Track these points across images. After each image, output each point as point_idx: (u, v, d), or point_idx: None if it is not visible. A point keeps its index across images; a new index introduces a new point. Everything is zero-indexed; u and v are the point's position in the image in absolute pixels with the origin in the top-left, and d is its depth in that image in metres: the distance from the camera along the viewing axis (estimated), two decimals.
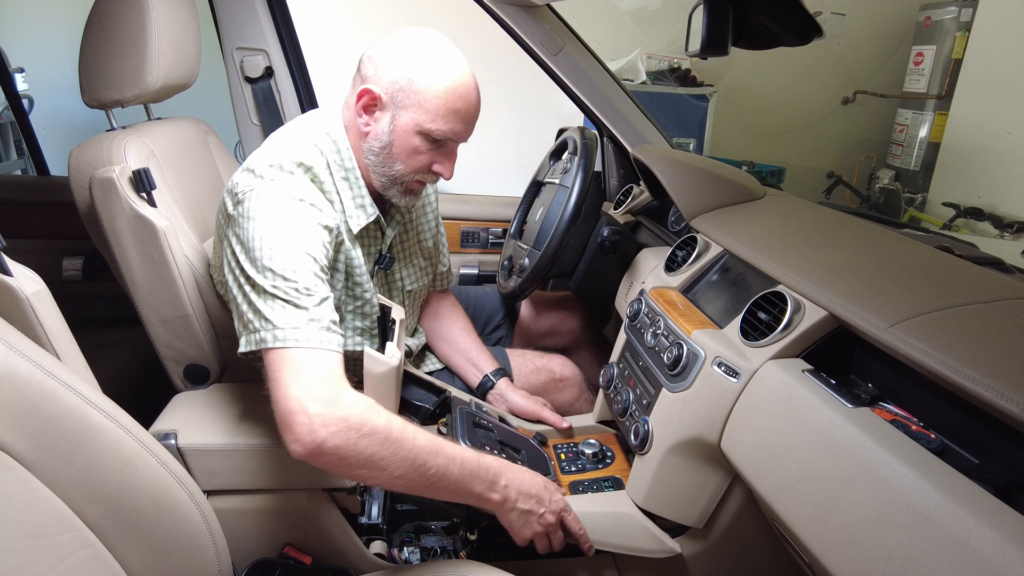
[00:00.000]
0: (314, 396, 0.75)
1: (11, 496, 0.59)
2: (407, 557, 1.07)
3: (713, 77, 3.25)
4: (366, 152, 1.00)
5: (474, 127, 1.03)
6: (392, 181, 1.02)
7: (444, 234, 1.34)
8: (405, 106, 0.96)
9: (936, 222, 3.04)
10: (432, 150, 0.99)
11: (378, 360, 0.83)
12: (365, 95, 0.96)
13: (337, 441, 0.74)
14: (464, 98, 0.97)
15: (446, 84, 0.95)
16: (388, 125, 0.97)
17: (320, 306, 0.84)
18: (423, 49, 0.96)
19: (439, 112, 0.95)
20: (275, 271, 0.83)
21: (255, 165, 0.94)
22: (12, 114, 2.20)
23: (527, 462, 1.08)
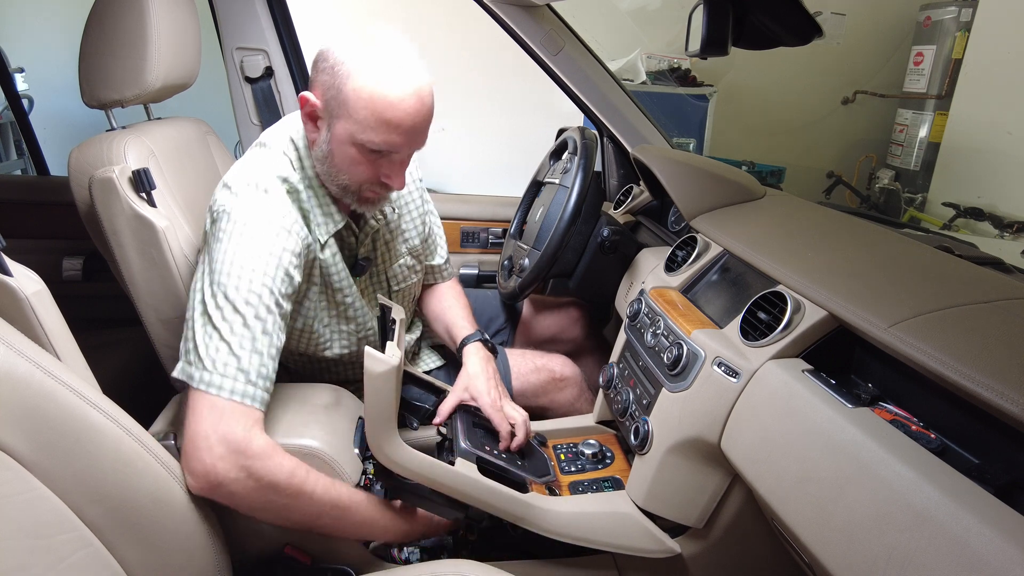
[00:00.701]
0: (222, 438, 0.78)
1: (11, 496, 0.59)
2: (407, 557, 1.07)
3: (713, 77, 3.25)
4: (316, 161, 0.98)
5: (422, 138, 0.95)
6: (343, 190, 0.98)
7: (438, 228, 1.32)
8: (337, 115, 0.90)
9: (936, 222, 3.04)
10: (374, 160, 0.94)
11: (378, 359, 0.83)
12: (305, 103, 0.93)
13: (234, 488, 0.79)
14: (396, 108, 0.88)
15: (374, 93, 0.87)
16: (326, 134, 0.93)
17: (255, 354, 0.84)
18: (360, 54, 0.89)
19: (368, 123, 0.89)
20: (228, 296, 0.84)
21: (233, 181, 0.94)
22: (12, 114, 2.20)
23: (527, 462, 1.08)
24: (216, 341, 0.83)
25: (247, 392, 0.82)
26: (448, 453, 1.01)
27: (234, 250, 0.87)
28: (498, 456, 1.04)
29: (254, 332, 0.84)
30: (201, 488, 0.79)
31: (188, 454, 0.79)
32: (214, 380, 0.81)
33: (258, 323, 0.85)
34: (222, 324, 0.83)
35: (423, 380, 1.19)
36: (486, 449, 1.04)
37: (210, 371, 0.81)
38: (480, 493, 0.95)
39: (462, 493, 0.94)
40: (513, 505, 0.96)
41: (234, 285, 0.85)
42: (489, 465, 1.01)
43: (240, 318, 0.84)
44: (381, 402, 0.85)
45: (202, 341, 0.83)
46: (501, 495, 0.95)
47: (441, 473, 0.92)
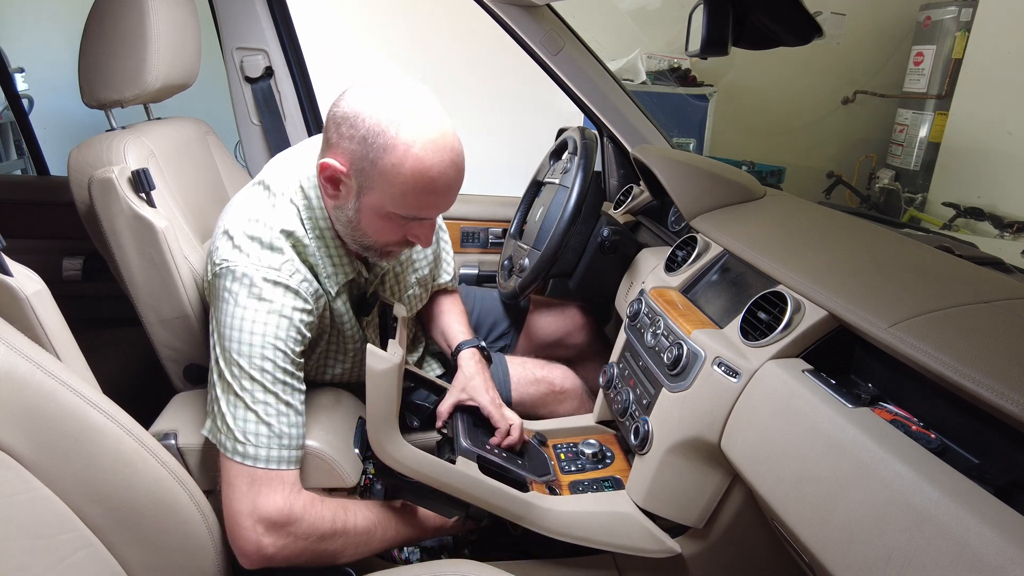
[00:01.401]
0: (264, 517, 0.82)
1: (11, 496, 0.59)
2: (407, 556, 1.07)
3: (713, 77, 3.25)
4: (334, 219, 0.94)
5: (454, 198, 0.91)
6: (366, 248, 0.96)
7: (446, 245, 1.32)
8: (369, 187, 0.86)
9: (936, 222, 3.04)
10: (404, 224, 0.91)
11: (380, 357, 0.83)
12: (327, 169, 0.87)
13: (286, 554, 0.83)
14: (435, 181, 0.85)
15: (412, 168, 0.83)
16: (354, 202, 0.89)
17: (283, 418, 0.86)
18: (388, 121, 0.82)
19: (407, 197, 0.85)
20: (243, 367, 0.84)
21: (235, 231, 0.90)
22: (12, 114, 2.20)
23: (527, 461, 1.08)
24: (242, 411, 0.84)
25: (282, 457, 0.85)
26: (449, 452, 1.01)
27: (242, 315, 0.86)
28: (499, 455, 1.04)
29: (279, 396, 0.86)
30: (254, 564, 0.83)
31: (234, 534, 0.82)
32: (248, 452, 0.83)
33: (279, 387, 0.86)
34: (244, 393, 0.84)
35: (425, 380, 1.19)
36: (487, 448, 1.04)
37: (243, 443, 0.83)
38: (481, 492, 0.95)
39: (463, 491, 0.94)
40: (514, 504, 0.96)
41: (248, 353, 0.85)
42: (490, 464, 1.01)
43: (260, 386, 0.85)
44: (382, 399, 0.85)
45: (228, 411, 0.85)
46: (502, 494, 0.95)
47: (442, 471, 0.92)
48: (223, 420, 0.85)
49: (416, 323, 1.36)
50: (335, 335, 1.04)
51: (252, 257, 0.89)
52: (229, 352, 0.85)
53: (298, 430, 0.88)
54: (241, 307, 0.86)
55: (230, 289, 0.87)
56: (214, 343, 0.89)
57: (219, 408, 0.85)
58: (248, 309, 0.86)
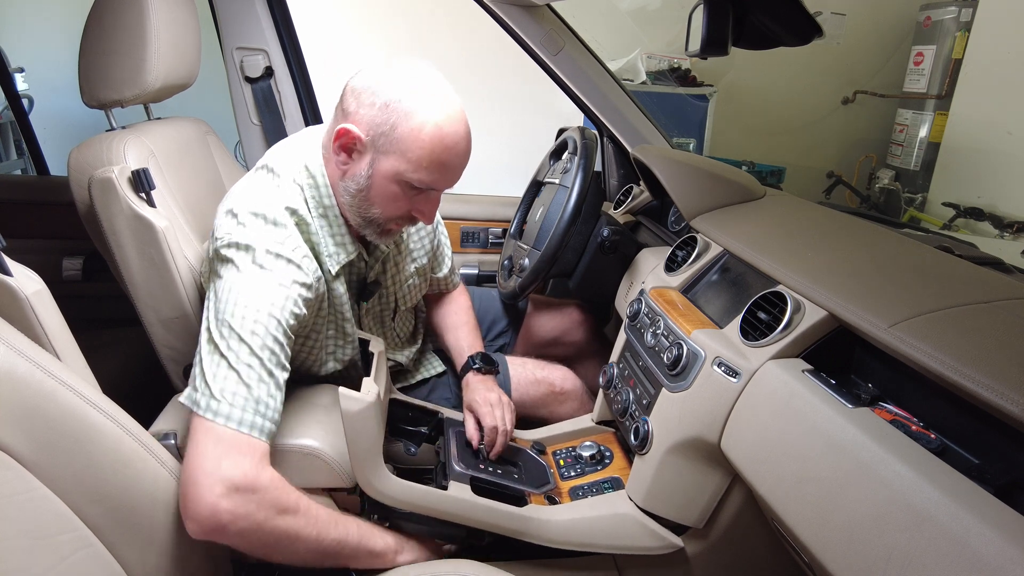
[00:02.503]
0: (226, 477, 0.74)
1: (11, 496, 0.59)
2: None
3: (713, 77, 3.25)
4: (342, 190, 0.95)
5: (462, 173, 0.96)
6: (368, 222, 0.97)
7: (444, 239, 1.33)
8: (386, 152, 0.89)
9: (936, 222, 3.04)
10: (411, 196, 0.94)
11: (353, 399, 0.82)
12: (343, 135, 0.90)
13: (243, 525, 0.74)
14: (451, 149, 0.90)
15: (431, 134, 0.88)
16: (367, 169, 0.91)
17: (263, 385, 0.81)
18: (410, 91, 0.88)
19: (422, 163, 0.89)
20: (232, 327, 0.81)
21: (239, 209, 0.91)
22: (12, 114, 2.20)
23: (524, 474, 1.08)
24: (224, 370, 0.80)
25: (255, 423, 0.79)
26: (442, 477, 1.01)
27: (243, 281, 0.85)
28: (493, 472, 1.04)
29: (263, 362, 0.82)
30: (203, 530, 0.73)
31: (188, 494, 0.73)
32: (221, 409, 0.77)
33: (266, 353, 0.82)
34: (229, 353, 0.80)
35: (415, 405, 1.18)
36: (480, 467, 1.04)
37: (217, 399, 0.78)
38: (476, 513, 0.95)
39: (457, 516, 0.94)
40: (511, 520, 0.96)
41: (241, 315, 0.82)
42: (484, 483, 1.01)
43: (247, 348, 0.81)
44: (362, 439, 0.84)
45: (209, 370, 0.80)
46: (498, 513, 0.95)
47: (435, 500, 0.93)
48: (202, 379, 0.80)
49: (416, 317, 1.36)
50: (336, 318, 1.04)
51: (257, 232, 0.89)
52: (222, 314, 0.82)
53: (276, 403, 0.82)
54: (242, 274, 0.85)
55: (233, 259, 0.87)
56: (207, 311, 0.86)
57: (200, 369, 0.81)
58: (249, 276, 0.85)
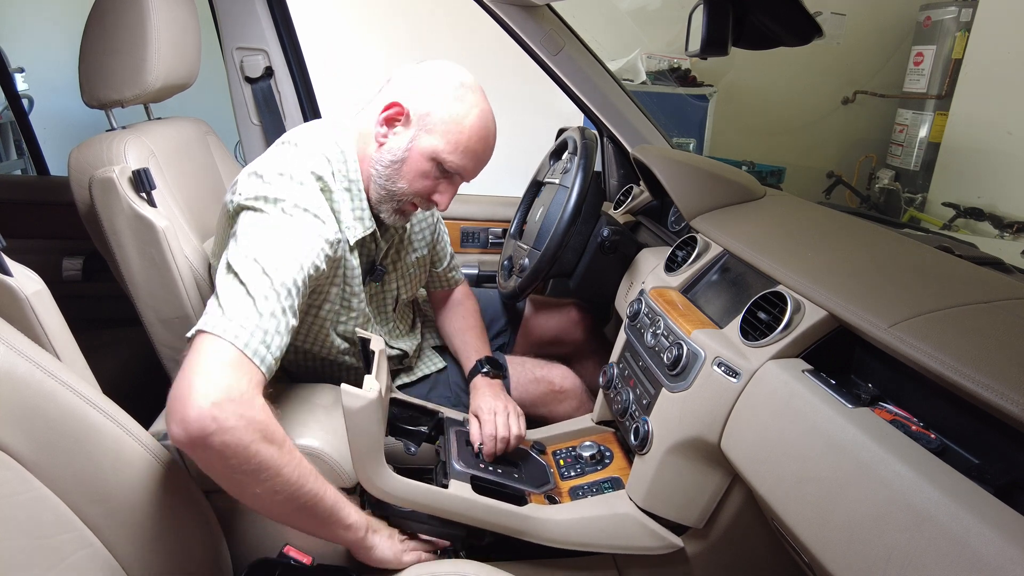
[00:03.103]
0: (222, 384, 0.69)
1: (11, 496, 0.59)
2: None
3: (713, 77, 3.25)
4: (375, 162, 1.01)
5: (482, 170, 1.07)
6: (389, 196, 1.02)
7: (444, 236, 1.34)
8: (430, 130, 0.98)
9: (936, 222, 3.04)
10: (438, 178, 1.02)
11: (354, 395, 0.81)
12: (394, 107, 0.99)
13: (228, 438, 0.67)
14: (484, 141, 1.02)
15: (473, 123, 0.99)
16: (406, 143, 0.99)
17: (274, 319, 0.78)
18: (460, 86, 1.00)
19: (459, 146, 0.99)
20: (257, 261, 0.80)
21: (264, 171, 0.91)
22: (12, 114, 2.20)
23: (524, 474, 1.08)
24: (241, 296, 0.76)
25: (258, 352, 0.74)
26: (442, 476, 1.01)
27: (270, 225, 0.85)
28: (493, 472, 1.04)
29: (280, 299, 0.79)
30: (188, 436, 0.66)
31: (179, 397, 0.67)
32: (230, 328, 0.73)
33: (283, 292, 0.80)
34: (248, 282, 0.78)
35: (416, 405, 1.18)
36: (480, 466, 1.04)
37: (229, 319, 0.73)
38: (476, 512, 0.95)
39: (458, 514, 0.94)
40: (511, 520, 0.96)
41: (266, 252, 0.81)
42: (484, 482, 1.01)
43: (268, 281, 0.78)
44: (363, 436, 0.84)
45: (224, 294, 0.77)
46: (498, 512, 0.96)
47: (435, 498, 0.93)
48: (215, 303, 0.76)
49: (415, 310, 1.38)
50: (346, 291, 1.06)
51: (284, 187, 0.89)
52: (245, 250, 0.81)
53: (281, 342, 0.78)
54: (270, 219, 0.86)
55: (261, 208, 0.86)
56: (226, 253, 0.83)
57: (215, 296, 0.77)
58: (276, 221, 0.86)
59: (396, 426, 1.10)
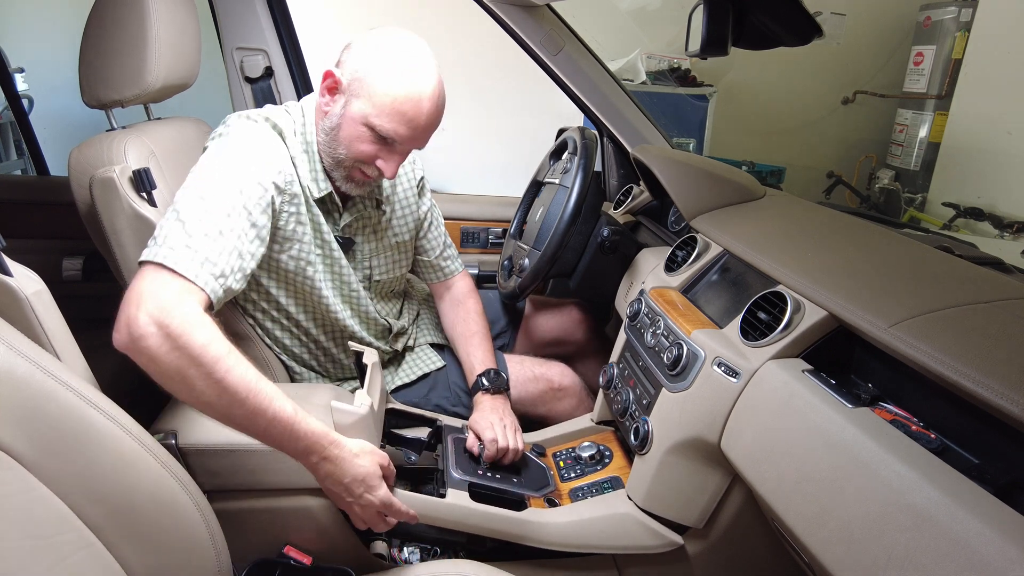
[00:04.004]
0: (154, 297, 0.76)
1: (11, 496, 0.59)
2: (407, 557, 1.07)
3: (713, 77, 3.25)
4: (320, 130, 1.06)
5: (426, 137, 1.04)
6: (336, 163, 1.05)
7: (437, 227, 1.34)
8: (357, 95, 0.99)
9: (936, 222, 3.04)
10: (376, 144, 1.02)
11: (345, 411, 0.83)
12: (329, 77, 1.02)
13: (149, 343, 0.74)
14: (413, 104, 0.98)
15: (397, 85, 0.98)
16: (340, 109, 1.02)
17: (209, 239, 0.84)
18: (391, 48, 0.99)
19: (384, 110, 0.98)
20: (198, 191, 0.88)
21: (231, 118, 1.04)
22: (12, 114, 2.20)
23: (523, 477, 1.08)
24: (178, 229, 0.83)
25: (189, 269, 0.80)
26: (440, 485, 1.01)
27: (212, 157, 0.95)
28: (491, 478, 1.04)
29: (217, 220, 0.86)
30: (125, 345, 0.76)
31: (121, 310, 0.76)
32: (160, 252, 0.80)
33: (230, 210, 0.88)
34: (182, 209, 0.85)
35: (414, 414, 1.18)
36: (478, 473, 1.04)
37: (160, 246, 0.81)
38: (474, 520, 0.95)
39: (456, 523, 0.95)
40: (510, 525, 0.96)
41: (203, 181, 0.90)
42: (483, 489, 1.01)
43: (201, 207, 0.86)
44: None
45: (162, 227, 0.84)
46: (496, 518, 0.96)
47: (432, 508, 0.93)
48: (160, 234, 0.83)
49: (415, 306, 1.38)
50: (324, 248, 1.11)
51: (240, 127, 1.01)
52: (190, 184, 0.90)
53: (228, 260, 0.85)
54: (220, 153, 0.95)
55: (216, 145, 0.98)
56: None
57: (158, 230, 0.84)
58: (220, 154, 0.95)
59: (395, 435, 1.11)
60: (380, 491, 0.87)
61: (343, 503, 0.88)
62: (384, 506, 0.87)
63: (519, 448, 1.11)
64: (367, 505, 0.87)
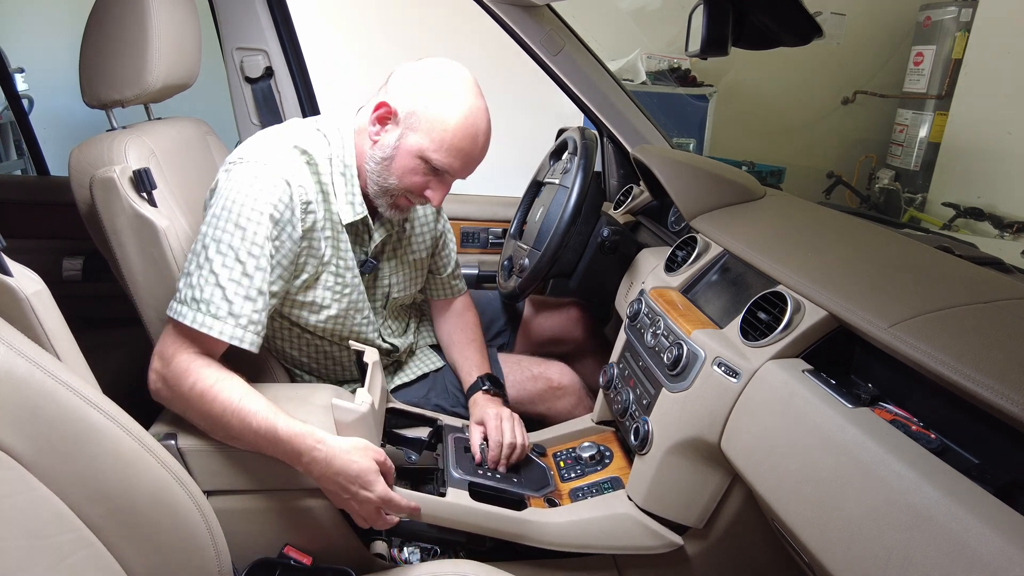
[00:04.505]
0: (160, 355, 0.90)
1: (11, 496, 0.59)
2: (407, 557, 1.07)
3: (713, 77, 3.25)
4: (368, 158, 1.04)
5: (475, 168, 1.06)
6: (384, 191, 1.05)
7: (450, 242, 1.34)
8: (415, 128, 0.99)
9: (936, 222, 3.04)
10: (428, 175, 1.03)
11: (346, 409, 0.84)
12: (383, 107, 1.01)
13: (161, 395, 0.91)
14: (470, 139, 1.00)
15: (457, 121, 0.98)
16: (395, 140, 1.01)
17: (248, 301, 0.91)
18: (448, 82, 1.00)
19: (443, 144, 0.99)
20: (231, 245, 0.90)
21: (256, 140, 1.02)
22: (12, 114, 2.20)
23: (523, 477, 1.08)
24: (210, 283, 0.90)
25: (224, 331, 0.90)
26: (440, 484, 1.01)
27: (232, 196, 0.93)
28: (491, 477, 1.04)
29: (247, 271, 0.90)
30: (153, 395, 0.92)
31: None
32: (206, 323, 0.89)
33: (253, 256, 0.91)
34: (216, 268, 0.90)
35: (414, 414, 1.18)
36: (479, 473, 1.04)
37: (175, 299, 0.91)
38: (474, 519, 0.95)
39: (456, 522, 0.95)
40: (509, 524, 0.96)
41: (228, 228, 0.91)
42: (483, 488, 1.01)
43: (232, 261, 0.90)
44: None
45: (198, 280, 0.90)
46: (496, 517, 0.96)
47: (432, 507, 0.93)
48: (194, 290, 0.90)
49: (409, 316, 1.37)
50: (340, 267, 1.08)
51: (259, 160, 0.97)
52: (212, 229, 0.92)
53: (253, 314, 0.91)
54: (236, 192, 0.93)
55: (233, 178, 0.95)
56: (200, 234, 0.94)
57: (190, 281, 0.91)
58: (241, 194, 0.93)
59: (395, 434, 1.11)
60: (377, 487, 0.87)
61: (342, 502, 0.89)
62: (383, 502, 0.88)
63: (527, 444, 1.12)
64: (365, 501, 0.88)
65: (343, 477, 0.86)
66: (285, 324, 1.12)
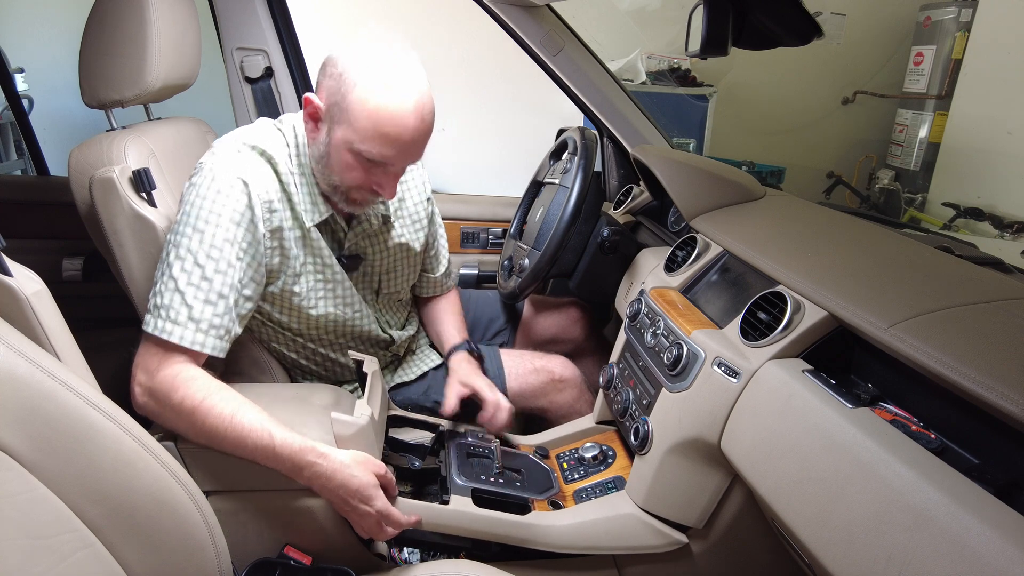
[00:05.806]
0: (143, 368, 0.89)
1: (11, 496, 0.59)
2: (407, 557, 1.07)
3: (713, 77, 3.24)
4: (310, 157, 1.02)
5: (418, 151, 0.98)
6: (333, 189, 1.02)
7: (441, 240, 1.35)
8: (339, 121, 0.94)
9: (936, 222, 3.04)
10: (368, 168, 0.97)
11: (346, 423, 0.84)
12: (309, 103, 0.97)
13: (148, 408, 0.89)
14: (395, 123, 0.92)
15: (376, 106, 0.91)
16: (326, 137, 0.97)
17: (208, 304, 0.90)
18: (368, 65, 0.92)
19: (367, 134, 0.92)
20: (189, 249, 0.90)
21: (215, 144, 1.01)
22: (12, 114, 2.20)
23: (526, 481, 1.08)
24: (169, 290, 0.89)
25: (195, 340, 0.89)
26: (443, 492, 1.01)
27: (199, 201, 0.92)
28: (495, 483, 1.04)
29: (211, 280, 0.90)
30: (138, 409, 0.89)
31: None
32: (167, 329, 0.88)
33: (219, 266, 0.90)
34: (181, 273, 0.89)
35: (414, 420, 1.19)
36: (481, 479, 1.04)
37: (149, 313, 0.90)
38: (478, 525, 0.95)
39: (460, 529, 0.95)
40: (514, 529, 0.97)
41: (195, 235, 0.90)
42: (486, 494, 1.01)
43: (199, 268, 0.89)
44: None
45: (162, 289, 0.90)
46: (500, 523, 0.96)
47: (436, 515, 0.93)
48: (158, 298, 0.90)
49: (413, 306, 1.38)
50: (317, 264, 1.07)
51: (225, 158, 0.96)
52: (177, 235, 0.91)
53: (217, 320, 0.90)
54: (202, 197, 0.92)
55: (198, 181, 0.94)
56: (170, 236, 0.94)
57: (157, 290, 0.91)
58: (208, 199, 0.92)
59: (397, 441, 1.11)
60: (377, 502, 0.87)
61: (343, 512, 0.90)
62: (382, 516, 0.88)
63: (510, 405, 1.16)
64: (365, 515, 0.88)
65: (344, 491, 0.86)
66: (280, 329, 1.12)
